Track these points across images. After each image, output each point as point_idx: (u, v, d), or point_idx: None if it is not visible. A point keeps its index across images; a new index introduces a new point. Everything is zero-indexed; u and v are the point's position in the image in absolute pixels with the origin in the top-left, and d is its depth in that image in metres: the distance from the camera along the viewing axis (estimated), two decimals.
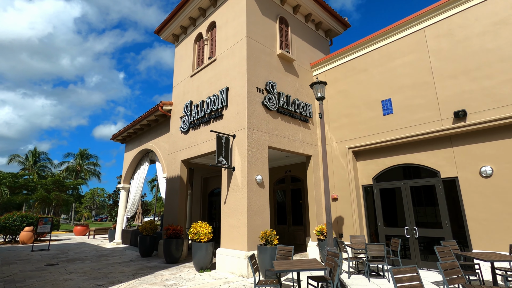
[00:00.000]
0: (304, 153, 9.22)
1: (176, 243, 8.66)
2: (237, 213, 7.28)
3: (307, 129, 9.60)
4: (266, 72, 8.64)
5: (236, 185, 7.51)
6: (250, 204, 7.15)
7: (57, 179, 27.77)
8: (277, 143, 8.36)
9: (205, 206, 15.23)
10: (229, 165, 7.69)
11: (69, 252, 11.60)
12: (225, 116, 8.43)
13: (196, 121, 9.54)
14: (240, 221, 7.16)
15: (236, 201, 7.39)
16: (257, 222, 7.22)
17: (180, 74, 11.34)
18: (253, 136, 7.70)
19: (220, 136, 7.63)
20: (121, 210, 14.84)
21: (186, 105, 10.13)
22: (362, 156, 8.93)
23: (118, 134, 15.07)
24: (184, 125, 10.07)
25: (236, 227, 7.23)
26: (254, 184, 7.40)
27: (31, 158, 41.80)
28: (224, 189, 7.88)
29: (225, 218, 7.63)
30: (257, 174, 7.52)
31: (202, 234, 7.41)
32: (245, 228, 6.96)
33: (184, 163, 10.14)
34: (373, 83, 8.72)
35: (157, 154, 12.24)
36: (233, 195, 7.53)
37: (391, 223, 8.07)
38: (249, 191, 7.20)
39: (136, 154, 14.29)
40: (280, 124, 8.67)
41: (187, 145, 9.87)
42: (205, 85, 9.63)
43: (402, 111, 7.92)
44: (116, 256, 10.38)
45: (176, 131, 10.72)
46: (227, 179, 7.85)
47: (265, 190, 7.66)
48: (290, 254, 5.79)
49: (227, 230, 7.48)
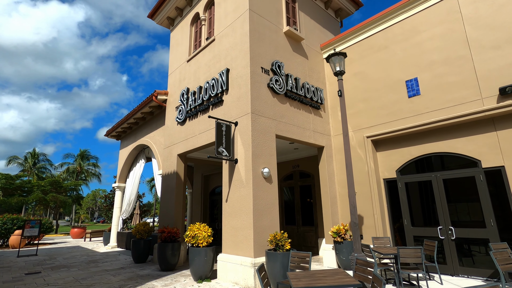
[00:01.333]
0: (315, 144, 8.11)
1: (172, 247, 7.60)
2: (241, 213, 6.20)
3: (318, 117, 8.49)
4: (271, 51, 7.55)
5: (239, 180, 6.42)
6: (256, 201, 6.06)
7: (54, 180, 26.87)
8: (285, 131, 7.26)
9: (206, 206, 14.17)
10: (231, 157, 6.61)
11: (57, 258, 10.59)
12: (226, 101, 7.35)
13: (193, 110, 8.48)
14: (244, 222, 6.08)
15: (240, 198, 6.30)
16: (265, 223, 6.13)
17: (176, 60, 10.27)
18: (258, 122, 6.61)
19: (220, 123, 6.55)
20: (116, 211, 13.82)
21: (183, 93, 9.06)
22: (383, 146, 7.81)
23: (112, 129, 14.05)
24: (180, 115, 9.01)
25: (240, 229, 6.14)
26: (260, 179, 6.31)
27: (30, 160, 41.04)
28: (225, 185, 6.81)
29: (227, 219, 6.55)
30: (263, 166, 6.43)
31: (200, 237, 6.34)
32: (251, 230, 5.87)
33: (181, 158, 9.08)
34: (395, 61, 7.59)
35: (153, 149, 11.19)
36: (236, 192, 6.45)
37: (420, 222, 6.95)
38: (254, 187, 6.11)
39: (131, 150, 13.26)
40: (289, 110, 7.57)
41: (183, 137, 8.80)
42: (203, 69, 8.56)
43: (432, 91, 6.79)
44: (107, 262, 9.34)
45: (171, 123, 9.66)
46: (228, 174, 6.77)
47: (273, 186, 6.57)
48: (307, 262, 4.70)
49: (230, 233, 6.40)
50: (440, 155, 6.76)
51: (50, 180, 26.80)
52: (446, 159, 6.72)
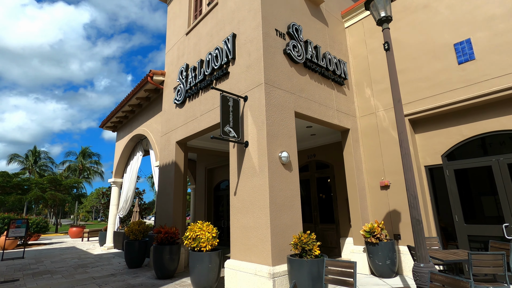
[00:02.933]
0: (340, 126, 6.77)
1: (170, 251, 6.34)
2: (254, 208, 4.90)
3: (342, 94, 7.14)
4: (287, 12, 6.21)
5: (251, 168, 5.12)
6: (273, 193, 4.76)
7: (53, 178, 25.88)
8: (306, 109, 5.93)
9: (210, 203, 12.91)
10: (240, 139, 5.30)
11: (44, 262, 9.43)
12: (232, 73, 6.04)
13: (194, 88, 7.18)
14: (258, 219, 4.78)
15: (252, 190, 5.00)
16: (285, 221, 4.83)
17: (173, 35, 8.97)
18: (273, 95, 5.29)
19: (226, 96, 5.24)
20: (112, 208, 12.64)
21: (181, 70, 7.77)
22: (423, 126, 6.44)
23: (107, 120, 12.82)
24: (179, 96, 7.73)
25: (253, 228, 4.85)
26: (278, 165, 5.00)
27: (31, 158, 40.28)
28: (233, 174, 5.51)
29: (236, 216, 5.26)
30: (281, 150, 5.12)
31: (203, 240, 5.06)
32: (267, 230, 4.57)
33: (181, 146, 7.81)
34: (439, 22, 6.20)
35: (150, 139, 9.94)
36: (247, 182, 5.15)
37: (476, 218, 5.59)
38: (271, 175, 4.81)
39: (127, 142, 12.03)
40: (309, 84, 6.24)
41: (183, 121, 7.52)
42: (204, 40, 7.25)
43: (491, 54, 5.40)
44: (98, 267, 8.13)
45: (169, 107, 8.38)
46: (237, 160, 5.47)
47: (293, 174, 5.26)
48: (350, 275, 3.39)
49: (240, 234, 5.11)
50: (503, 134, 5.38)
51: (49, 178, 25.81)
52: (510, 139, 5.35)
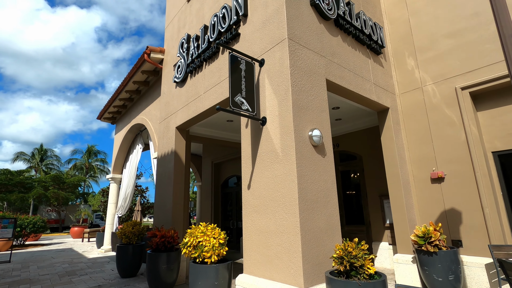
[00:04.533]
0: (379, 103, 5.41)
1: (168, 259, 5.10)
2: (276, 206, 3.60)
3: (379, 65, 5.77)
4: None
5: (270, 152, 3.82)
6: (302, 186, 3.44)
7: (56, 175, 25.12)
8: (339, 78, 4.59)
9: (218, 201, 11.66)
10: (255, 114, 4.00)
11: (31, 267, 8.33)
12: (244, 34, 4.74)
13: (197, 61, 5.92)
14: (282, 221, 3.48)
15: (273, 182, 3.70)
16: (319, 223, 3.51)
17: (173, 6, 7.72)
18: (300, 56, 3.97)
19: (237, 57, 3.94)
20: (110, 207, 11.52)
21: (182, 43, 6.53)
22: (489, 101, 5.03)
23: (104, 110, 11.68)
24: (179, 72, 6.49)
25: (275, 233, 3.55)
26: (308, 148, 3.68)
27: (37, 156, 39.84)
28: (246, 162, 4.22)
29: (251, 217, 3.97)
30: (311, 127, 3.80)
31: (207, 248, 3.78)
32: (296, 236, 3.26)
33: (181, 132, 6.57)
34: None
35: (148, 128, 8.75)
36: (265, 172, 3.85)
37: None
38: (299, 161, 3.49)
39: (126, 133, 10.88)
40: (342, 47, 4.89)
41: (184, 102, 6.27)
42: (208, 3, 5.97)
43: None
44: (87, 275, 6.97)
45: (169, 88, 7.15)
46: (251, 143, 4.17)
47: (327, 160, 3.93)
48: None
49: (256, 240, 3.82)
50: None
51: (51, 176, 25.05)
52: None
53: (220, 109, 3.47)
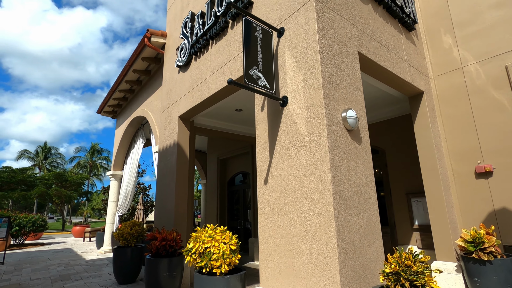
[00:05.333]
0: (413, 86, 4.66)
1: (170, 265, 4.42)
2: (303, 205, 2.88)
3: (411, 43, 5.01)
4: None
5: (294, 138, 3.10)
6: (337, 179, 2.72)
7: (58, 173, 24.69)
8: (372, 52, 3.85)
9: (224, 199, 10.97)
10: (274, 92, 3.29)
11: (24, 269, 7.74)
12: (257, 1, 4.03)
13: (202, 40, 5.22)
14: (311, 224, 2.76)
15: (298, 174, 2.98)
16: (357, 227, 2.79)
17: None
18: (329, 21, 3.24)
19: (252, 23, 3.22)
20: (111, 205, 10.91)
21: (185, 22, 5.84)
22: None
23: (104, 103, 11.06)
24: (183, 55, 5.80)
25: (302, 239, 2.83)
26: (342, 132, 2.96)
27: (41, 154, 39.64)
28: (262, 152, 3.51)
29: (269, 218, 3.26)
30: (344, 108, 3.08)
31: (216, 256, 3.09)
32: (331, 242, 2.54)
33: (185, 122, 5.88)
34: None
35: (149, 120, 8.09)
36: (287, 163, 3.14)
37: None
38: (332, 148, 2.77)
39: (126, 127, 10.25)
40: (373, 18, 4.15)
41: (187, 88, 5.59)
42: None
43: None
44: (82, 279, 6.34)
45: (171, 74, 6.48)
46: (269, 129, 3.46)
47: (363, 148, 3.21)
48: None
49: (276, 247, 3.11)
50: None
51: (54, 173, 24.63)
52: None
53: (233, 82, 2.76)
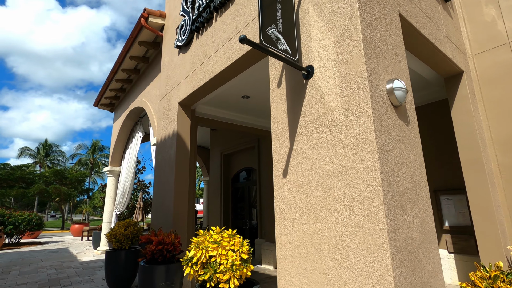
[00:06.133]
0: (452, 64, 3.96)
1: (167, 273, 3.77)
2: (337, 202, 2.21)
3: (448, 15, 4.31)
4: None
5: (323, 117, 2.42)
6: (386, 169, 2.04)
7: (58, 170, 24.18)
8: (413, 17, 3.15)
9: (228, 197, 10.33)
10: (296, 59, 2.60)
11: (12, 272, 7.14)
12: None
13: (205, 13, 4.54)
14: (351, 227, 2.09)
15: (329, 162, 2.30)
16: (411, 231, 2.11)
17: None
18: None
19: None
20: (108, 203, 10.30)
21: None
22: None
23: (100, 94, 10.40)
24: (183, 33, 5.13)
25: (335, 247, 2.16)
26: (387, 109, 2.27)
27: (42, 151, 39.22)
28: (279, 136, 2.83)
29: (289, 219, 2.58)
30: (389, 77, 2.39)
31: (223, 267, 2.42)
32: (383, 254, 1.87)
33: (185, 110, 5.22)
34: None
35: (147, 110, 7.44)
36: (314, 149, 2.46)
37: None
38: (379, 128, 2.09)
39: (124, 120, 9.61)
40: None
41: (188, 70, 4.92)
42: None
43: None
44: (72, 285, 5.72)
45: (170, 57, 5.81)
46: (288, 107, 2.78)
47: (412, 130, 2.52)
48: None
49: (299, 256, 2.43)
50: None
51: (53, 171, 24.12)
52: None
53: (246, 40, 2.08)
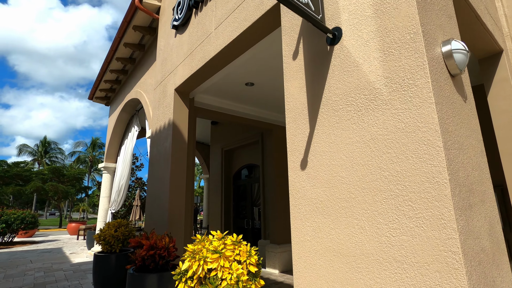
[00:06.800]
0: (492, 40, 3.40)
1: (160, 282, 3.24)
2: (380, 201, 1.66)
3: None
4: None
5: (357, 90, 1.87)
6: (450, 156, 1.49)
7: (55, 168, 23.69)
8: None
9: (229, 196, 9.79)
10: (320, 17, 2.05)
11: None
12: None
13: None
14: (401, 235, 1.54)
15: (367, 147, 1.75)
16: (483, 242, 1.57)
17: None
18: None
19: None
20: (103, 201, 9.77)
21: None
22: None
23: (95, 87, 9.84)
24: (180, 11, 4.57)
25: (379, 262, 1.62)
26: (444, 78, 1.71)
27: (41, 148, 38.75)
28: (296, 117, 2.28)
29: (309, 221, 2.04)
30: (443, 38, 1.84)
31: (226, 284, 1.88)
32: (459, 276, 1.33)
33: (183, 97, 4.67)
34: None
35: (143, 101, 6.90)
36: (343, 132, 1.91)
37: None
38: (439, 101, 1.54)
39: (119, 113, 9.08)
40: None
41: (186, 52, 4.36)
42: None
43: None
44: None
45: (166, 41, 5.26)
46: (307, 82, 2.22)
47: (470, 107, 1.96)
48: None
49: (324, 269, 1.89)
50: None
51: (50, 168, 23.62)
52: None
53: None
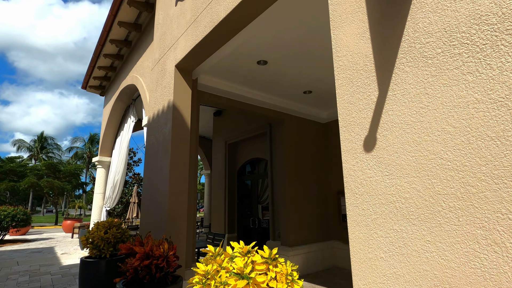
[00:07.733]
0: None
1: None
2: None
3: None
4: None
5: (466, 22, 1.17)
6: None
7: (51, 163, 22.97)
8: None
9: (233, 192, 9.09)
10: None
11: None
12: None
13: None
14: None
15: (493, 111, 1.06)
16: None
17: None
18: None
19: None
20: (97, 198, 9.08)
21: None
22: None
23: (88, 74, 9.10)
24: None
25: None
26: None
27: (38, 143, 37.98)
28: (353, 74, 1.58)
29: (381, 229, 1.35)
30: None
31: None
32: None
33: (185, 75, 3.95)
34: None
35: (140, 87, 6.18)
36: (450, 87, 1.21)
37: None
38: None
39: (115, 102, 8.36)
40: None
41: (189, 20, 3.64)
42: None
43: None
44: None
45: (165, 13, 4.53)
46: (370, 21, 1.52)
47: None
48: None
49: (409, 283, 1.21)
50: None
51: (46, 163, 22.90)
52: None
53: None
